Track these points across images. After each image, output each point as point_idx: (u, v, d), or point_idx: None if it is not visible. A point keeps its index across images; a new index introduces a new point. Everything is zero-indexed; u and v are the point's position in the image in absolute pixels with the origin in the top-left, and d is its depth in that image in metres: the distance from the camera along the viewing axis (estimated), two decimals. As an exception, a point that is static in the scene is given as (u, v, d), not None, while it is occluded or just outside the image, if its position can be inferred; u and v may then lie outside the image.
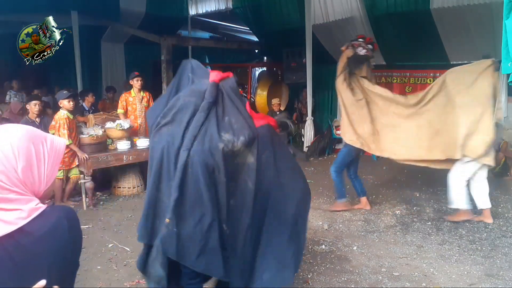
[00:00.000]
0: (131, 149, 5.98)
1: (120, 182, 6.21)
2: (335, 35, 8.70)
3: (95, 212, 5.51)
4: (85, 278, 3.69)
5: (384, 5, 7.62)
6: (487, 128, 4.64)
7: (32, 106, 5.68)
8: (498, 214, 5.22)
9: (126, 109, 6.54)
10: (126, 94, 6.65)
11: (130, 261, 4.01)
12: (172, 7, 11.18)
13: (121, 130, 5.95)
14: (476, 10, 6.60)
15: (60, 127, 5.37)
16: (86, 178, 5.51)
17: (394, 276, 3.70)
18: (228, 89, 2.85)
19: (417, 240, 4.47)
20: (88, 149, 5.65)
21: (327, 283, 3.59)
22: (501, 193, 6.05)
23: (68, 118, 5.44)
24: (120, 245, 4.39)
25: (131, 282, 3.63)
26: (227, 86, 2.87)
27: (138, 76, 6.51)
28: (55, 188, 5.77)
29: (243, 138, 2.65)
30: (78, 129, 5.78)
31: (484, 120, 4.65)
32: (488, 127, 4.63)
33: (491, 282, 3.58)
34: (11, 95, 8.49)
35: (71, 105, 5.50)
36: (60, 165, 5.51)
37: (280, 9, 9.60)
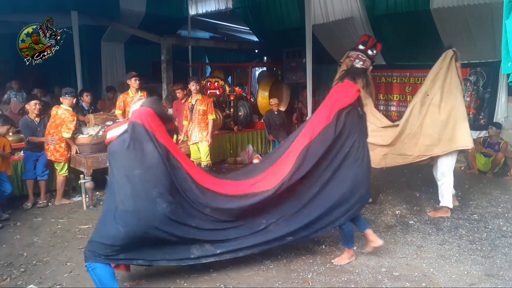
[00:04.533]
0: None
1: (120, 182, 6.19)
2: (335, 35, 8.70)
3: (95, 212, 5.51)
4: (84, 278, 3.69)
5: (384, 5, 7.62)
6: (464, 116, 5.01)
7: (32, 106, 5.69)
8: (498, 214, 5.22)
9: (124, 109, 6.51)
10: (123, 95, 6.61)
11: (130, 261, 4.01)
12: (172, 7, 11.18)
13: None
14: (476, 10, 6.60)
15: (69, 122, 5.59)
16: (86, 178, 5.51)
17: (394, 276, 3.70)
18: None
19: (417, 240, 4.47)
20: (88, 149, 5.65)
21: (327, 283, 3.59)
22: (501, 193, 6.06)
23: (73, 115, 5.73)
24: (120, 245, 4.38)
25: (131, 282, 3.63)
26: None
27: (135, 76, 6.49)
28: (58, 186, 5.81)
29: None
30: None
31: (461, 110, 4.99)
32: (464, 114, 5.01)
33: (491, 282, 3.58)
34: (10, 95, 8.47)
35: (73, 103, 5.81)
36: (62, 158, 5.59)
37: (280, 9, 9.59)
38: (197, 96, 6.33)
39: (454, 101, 5.00)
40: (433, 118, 5.05)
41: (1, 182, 5.23)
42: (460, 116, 4.99)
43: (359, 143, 3.78)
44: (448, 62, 5.04)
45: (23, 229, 4.95)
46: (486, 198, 5.80)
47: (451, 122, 4.97)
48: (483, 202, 5.62)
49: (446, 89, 5.03)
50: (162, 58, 8.64)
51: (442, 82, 5.05)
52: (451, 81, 5.03)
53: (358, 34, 8.28)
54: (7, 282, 3.66)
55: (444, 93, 5.03)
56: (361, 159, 3.78)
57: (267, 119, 8.77)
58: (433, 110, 5.06)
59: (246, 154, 8.30)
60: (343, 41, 8.77)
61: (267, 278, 3.67)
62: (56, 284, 3.60)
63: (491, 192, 6.09)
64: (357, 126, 3.81)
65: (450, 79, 5.03)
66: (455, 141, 4.95)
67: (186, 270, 3.76)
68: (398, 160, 5.22)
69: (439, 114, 5.02)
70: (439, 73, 5.09)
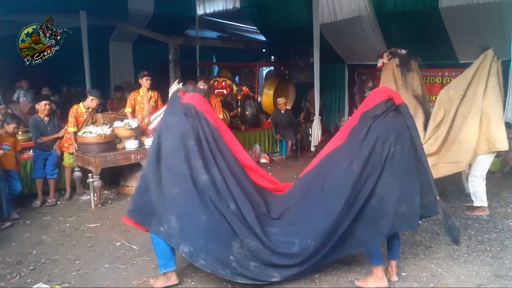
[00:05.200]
0: (139, 148, 6.01)
1: (128, 181, 6.24)
2: (343, 34, 8.67)
3: (103, 210, 5.55)
4: (93, 277, 3.72)
5: (392, 4, 7.58)
6: (502, 117, 5.03)
7: (42, 106, 5.74)
8: (508, 214, 5.17)
9: (134, 108, 6.57)
10: (134, 93, 6.68)
11: (138, 260, 4.04)
12: (179, 7, 11.22)
13: (129, 129, 5.98)
14: (485, 8, 6.54)
15: (69, 116, 5.86)
16: (95, 177, 5.55)
17: (402, 276, 3.68)
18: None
19: (425, 240, 4.44)
20: (96, 148, 5.68)
21: (334, 283, 3.58)
22: (511, 193, 6.01)
23: (77, 111, 5.94)
24: (128, 244, 4.41)
25: (138, 280, 3.64)
26: None
27: (147, 75, 6.55)
28: (66, 179, 5.90)
29: None
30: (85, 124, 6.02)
31: (499, 111, 5.00)
32: (502, 115, 5.04)
33: (500, 282, 3.55)
34: (20, 94, 8.55)
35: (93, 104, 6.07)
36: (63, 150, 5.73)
37: (288, 8, 9.58)
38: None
39: (494, 103, 4.96)
40: (476, 121, 4.99)
41: (12, 180, 5.28)
42: (498, 117, 4.96)
43: (395, 147, 3.25)
44: (489, 63, 4.98)
45: (32, 227, 5.00)
46: (495, 198, 5.75)
47: (491, 124, 4.93)
48: (492, 202, 5.57)
49: (488, 90, 4.97)
50: (170, 57, 8.67)
51: (484, 84, 4.98)
52: (491, 82, 4.98)
53: (365, 33, 8.25)
54: (17, 280, 3.69)
55: (485, 94, 4.97)
56: (404, 167, 3.26)
57: (274, 118, 8.77)
58: (476, 112, 4.99)
59: (253, 153, 8.31)
60: (350, 40, 8.75)
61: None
62: (65, 282, 3.63)
63: (500, 193, 6.03)
64: (393, 129, 3.28)
65: (490, 80, 4.98)
66: (493, 142, 4.93)
67: (193, 269, 3.78)
68: (451, 168, 5.12)
69: (481, 116, 4.97)
70: (480, 74, 5.02)
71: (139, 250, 4.26)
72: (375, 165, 3.24)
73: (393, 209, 3.21)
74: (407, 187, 3.26)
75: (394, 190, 3.23)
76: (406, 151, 3.27)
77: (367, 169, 3.26)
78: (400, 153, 3.24)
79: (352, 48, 9.08)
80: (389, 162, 3.22)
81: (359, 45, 8.81)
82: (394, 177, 3.23)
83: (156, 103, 6.68)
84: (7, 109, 7.13)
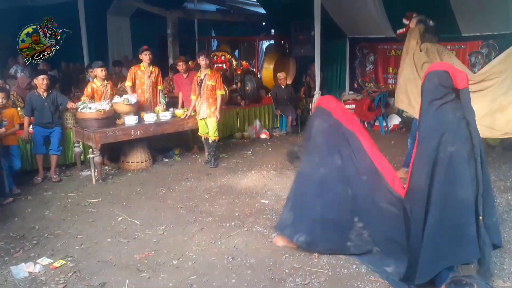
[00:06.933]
0: (139, 123, 5.99)
1: (128, 156, 6.25)
2: (344, 7, 8.52)
3: (104, 186, 5.57)
4: (95, 251, 3.77)
5: (394, -24, 7.42)
6: None
7: (40, 81, 5.68)
8: (506, 188, 5.20)
9: (134, 82, 6.51)
10: (135, 67, 6.60)
11: (140, 234, 4.08)
12: (178, -21, 11.00)
13: (128, 105, 5.95)
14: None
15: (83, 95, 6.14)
16: (95, 153, 5.55)
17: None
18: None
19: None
20: (96, 124, 5.67)
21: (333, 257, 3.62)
22: (510, 167, 6.01)
23: (92, 87, 6.17)
24: (130, 219, 4.45)
25: (140, 254, 3.69)
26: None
27: (146, 50, 6.46)
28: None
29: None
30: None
31: None
32: None
33: (497, 255, 3.56)
34: (17, 70, 8.46)
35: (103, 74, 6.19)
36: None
37: (288, -20, 9.40)
38: (206, 70, 6.27)
39: None
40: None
41: (12, 157, 5.28)
42: None
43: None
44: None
45: (34, 203, 5.03)
46: (494, 172, 5.76)
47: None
48: (491, 176, 5.55)
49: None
50: (168, 31, 8.56)
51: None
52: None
53: (367, 6, 8.11)
54: (20, 254, 3.74)
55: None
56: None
57: (275, 94, 8.70)
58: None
59: (253, 129, 8.29)
60: (352, 13, 8.60)
61: (275, 250, 3.71)
62: (68, 256, 3.67)
63: (500, 166, 6.05)
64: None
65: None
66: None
67: (194, 242, 3.82)
68: (486, 133, 4.82)
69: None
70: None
71: (140, 224, 4.30)
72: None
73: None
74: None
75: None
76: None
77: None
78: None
79: (354, 21, 8.94)
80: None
81: (361, 18, 8.68)
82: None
83: (156, 79, 6.62)
84: (5, 84, 7.07)
